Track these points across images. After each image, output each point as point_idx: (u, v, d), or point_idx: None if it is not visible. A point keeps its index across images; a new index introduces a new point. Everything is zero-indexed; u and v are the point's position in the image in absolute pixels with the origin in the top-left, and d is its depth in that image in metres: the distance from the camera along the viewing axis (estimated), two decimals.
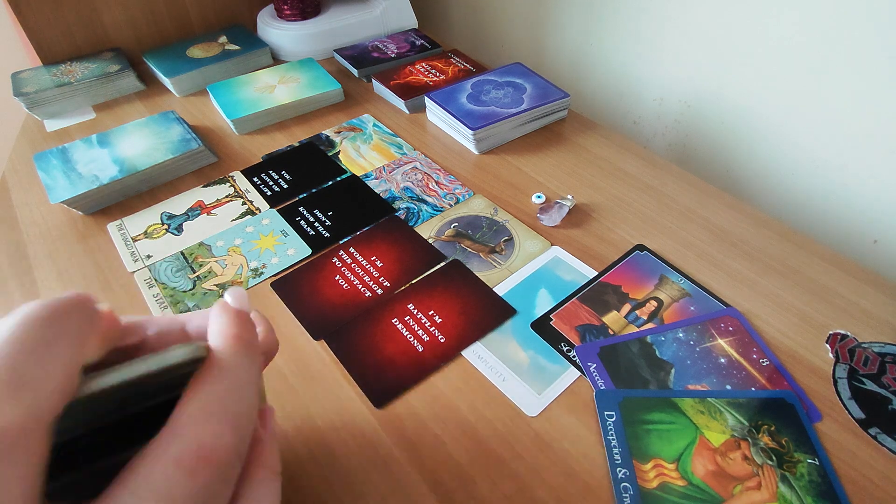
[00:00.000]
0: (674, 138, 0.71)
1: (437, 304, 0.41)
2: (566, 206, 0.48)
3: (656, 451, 0.32)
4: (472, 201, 0.50)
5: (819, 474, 0.31)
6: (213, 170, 0.55)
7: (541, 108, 0.57)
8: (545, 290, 0.42)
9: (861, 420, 0.34)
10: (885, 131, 0.51)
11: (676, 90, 0.68)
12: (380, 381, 0.36)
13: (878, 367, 0.36)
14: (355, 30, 0.75)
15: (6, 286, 0.44)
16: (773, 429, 0.33)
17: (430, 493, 0.31)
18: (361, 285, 0.42)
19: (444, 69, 0.66)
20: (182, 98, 0.66)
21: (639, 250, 0.45)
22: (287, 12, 0.73)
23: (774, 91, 0.58)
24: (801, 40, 0.53)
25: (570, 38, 0.77)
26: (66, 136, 0.60)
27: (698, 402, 0.34)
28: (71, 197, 0.47)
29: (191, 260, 0.45)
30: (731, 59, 0.60)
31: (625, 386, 0.35)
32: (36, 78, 0.63)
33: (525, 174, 0.53)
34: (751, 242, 0.45)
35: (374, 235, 0.47)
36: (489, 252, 0.45)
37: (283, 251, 0.45)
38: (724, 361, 0.37)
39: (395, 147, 0.57)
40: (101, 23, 0.68)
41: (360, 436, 0.33)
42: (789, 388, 0.35)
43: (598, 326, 0.39)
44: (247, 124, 0.60)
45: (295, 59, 0.72)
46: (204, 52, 0.69)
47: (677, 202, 0.49)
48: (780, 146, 0.60)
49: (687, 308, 0.40)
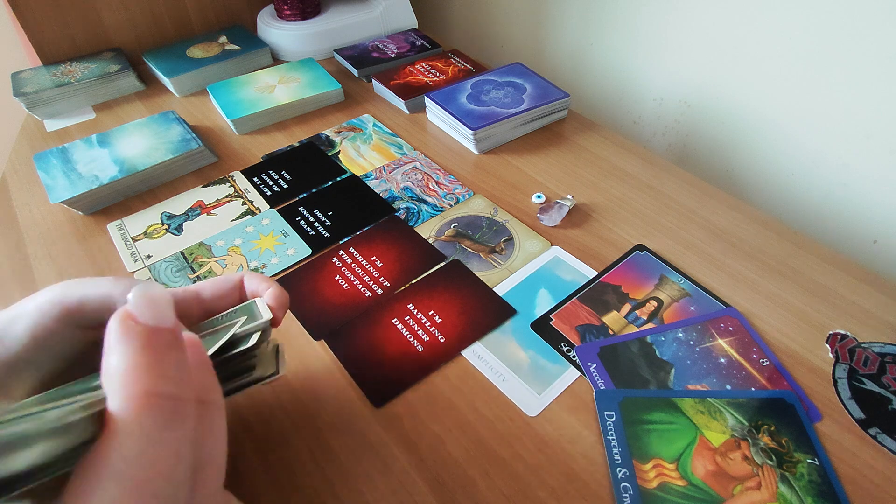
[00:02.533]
0: (674, 138, 0.71)
1: (437, 304, 0.41)
2: (566, 206, 0.48)
3: (656, 451, 0.32)
4: (472, 201, 0.50)
5: (819, 474, 0.31)
6: (213, 170, 0.55)
7: (541, 108, 0.57)
8: (545, 290, 0.42)
9: (861, 420, 0.34)
10: (885, 131, 0.51)
11: (676, 90, 0.68)
12: (380, 381, 0.36)
13: (878, 367, 0.36)
14: (355, 30, 0.75)
15: (6, 286, 0.44)
16: (773, 429, 0.33)
17: (430, 493, 0.31)
18: (361, 285, 0.42)
19: (444, 69, 0.66)
20: (182, 98, 0.66)
21: (639, 250, 0.45)
22: (287, 12, 0.73)
23: (774, 91, 0.58)
24: (802, 40, 0.53)
25: (570, 38, 0.77)
26: (66, 136, 0.60)
27: (698, 402, 0.34)
28: (71, 197, 0.47)
29: (191, 260, 0.45)
30: (731, 59, 0.60)
31: (625, 386, 0.35)
32: (36, 78, 0.63)
33: (525, 174, 0.53)
34: (751, 242, 0.45)
35: (374, 235, 0.47)
36: (489, 252, 0.45)
37: (283, 251, 0.45)
38: (724, 361, 0.37)
39: (395, 147, 0.57)
40: (101, 23, 0.68)
41: (360, 436, 0.33)
42: (789, 388, 0.35)
43: (598, 326, 0.39)
44: (247, 124, 0.60)
45: (295, 59, 0.72)
46: (204, 52, 0.69)
47: (677, 202, 0.49)
48: (780, 146, 0.60)
49: (687, 308, 0.40)
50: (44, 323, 0.23)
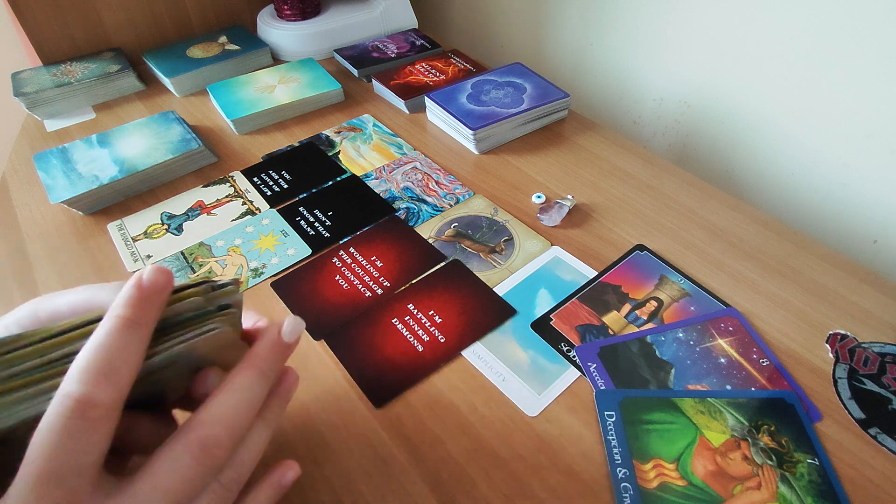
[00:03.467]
0: (674, 138, 0.71)
1: (437, 304, 0.41)
2: (566, 206, 0.48)
3: (656, 451, 0.32)
4: (472, 201, 0.50)
5: (819, 474, 0.31)
6: (213, 170, 0.55)
7: (541, 108, 0.57)
8: (545, 290, 0.42)
9: (861, 420, 0.34)
10: (885, 131, 0.51)
11: (676, 90, 0.68)
12: (380, 380, 0.36)
13: (878, 367, 0.36)
14: (355, 30, 0.75)
15: (6, 286, 0.44)
16: (773, 429, 0.33)
17: (430, 493, 0.31)
18: (361, 285, 0.42)
19: (444, 69, 0.66)
20: (182, 98, 0.66)
21: (639, 250, 0.45)
22: (287, 12, 0.73)
23: (774, 91, 0.58)
24: (802, 40, 0.53)
25: (570, 38, 0.78)
26: (66, 136, 0.60)
27: (698, 402, 0.34)
28: (71, 197, 0.47)
29: (191, 260, 0.45)
30: (731, 59, 0.60)
31: (625, 386, 0.35)
32: (36, 78, 0.63)
33: (525, 174, 0.53)
34: (751, 242, 0.45)
35: (374, 235, 0.47)
36: (489, 252, 0.45)
37: (283, 251, 0.45)
38: (724, 361, 0.37)
39: (395, 147, 0.57)
40: (101, 23, 0.68)
41: (360, 436, 0.33)
42: (789, 388, 0.35)
43: (598, 326, 0.39)
44: (247, 124, 0.60)
45: (295, 59, 0.72)
46: (204, 52, 0.69)
47: (677, 202, 0.49)
48: (780, 146, 0.60)
49: (687, 308, 0.40)
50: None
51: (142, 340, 0.21)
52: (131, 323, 0.21)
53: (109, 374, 0.20)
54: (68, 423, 0.19)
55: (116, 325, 0.20)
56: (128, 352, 0.20)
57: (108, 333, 0.20)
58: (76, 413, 0.19)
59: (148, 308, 0.21)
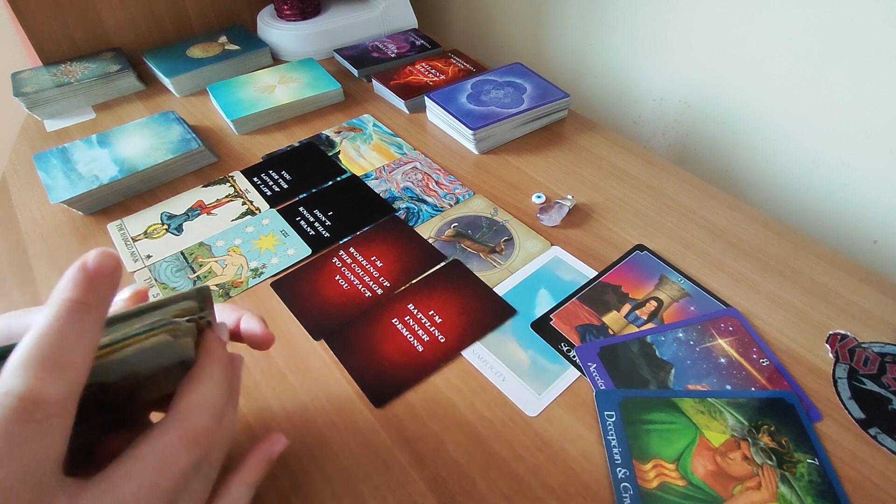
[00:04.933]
0: (674, 138, 0.71)
1: (437, 304, 0.41)
2: (566, 206, 0.48)
3: (656, 451, 0.32)
4: (472, 201, 0.50)
5: (819, 474, 0.31)
6: (213, 170, 0.55)
7: (541, 108, 0.57)
8: (545, 290, 0.42)
9: (861, 420, 0.34)
10: (885, 131, 0.51)
11: (676, 90, 0.68)
12: (379, 380, 0.36)
13: (878, 367, 0.36)
14: (355, 30, 0.75)
15: (6, 286, 0.44)
16: (773, 429, 0.33)
17: (430, 493, 0.31)
18: (361, 285, 0.42)
19: (444, 69, 0.66)
20: (182, 98, 0.66)
21: (639, 250, 0.45)
22: (287, 12, 0.73)
23: (774, 91, 0.58)
24: (802, 40, 0.53)
25: (570, 38, 0.78)
26: (66, 136, 0.60)
27: (698, 402, 0.34)
28: (71, 197, 0.47)
29: (191, 260, 0.45)
30: (731, 59, 0.60)
31: (625, 386, 0.35)
32: (36, 78, 0.63)
33: (525, 174, 0.53)
34: (751, 242, 0.45)
35: (374, 235, 0.47)
36: (489, 252, 0.45)
37: (283, 251, 0.45)
38: (724, 361, 0.37)
39: (395, 147, 0.57)
40: (101, 23, 0.68)
41: (360, 436, 0.33)
42: (789, 388, 0.35)
43: (598, 326, 0.39)
44: (247, 124, 0.60)
45: (295, 59, 0.72)
46: (204, 52, 0.69)
47: (677, 202, 0.49)
48: (780, 146, 0.60)
49: (687, 308, 0.40)
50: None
51: (94, 324, 0.18)
52: (80, 305, 0.18)
53: (58, 365, 0.17)
54: (11, 428, 0.16)
55: (62, 308, 0.18)
56: (79, 338, 0.18)
57: (53, 319, 0.17)
58: (20, 415, 0.16)
59: (98, 289, 0.18)
